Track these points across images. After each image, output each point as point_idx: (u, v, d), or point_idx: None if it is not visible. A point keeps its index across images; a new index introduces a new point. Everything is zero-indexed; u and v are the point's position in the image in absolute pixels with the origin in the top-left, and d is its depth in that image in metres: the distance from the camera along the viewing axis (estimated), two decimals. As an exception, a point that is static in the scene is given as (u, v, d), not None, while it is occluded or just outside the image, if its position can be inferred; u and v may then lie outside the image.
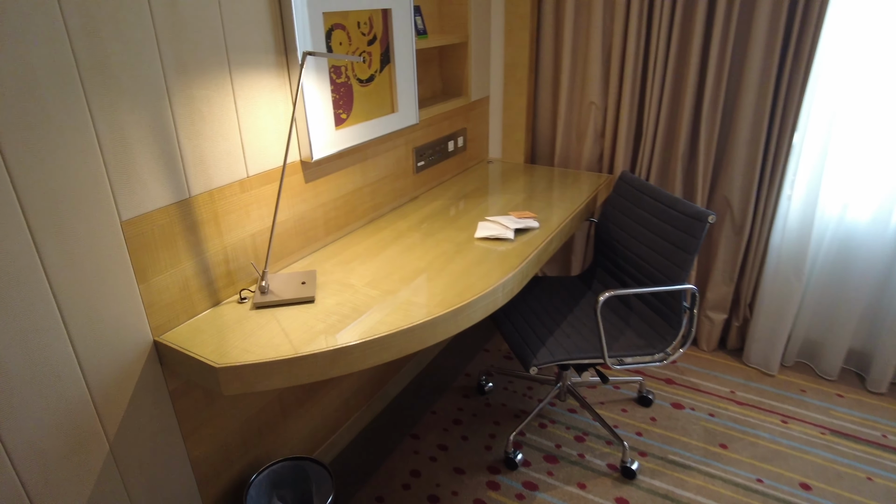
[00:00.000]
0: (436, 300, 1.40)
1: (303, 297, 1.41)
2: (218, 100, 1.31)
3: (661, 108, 2.25)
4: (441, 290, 1.44)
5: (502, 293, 1.51)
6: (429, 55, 2.21)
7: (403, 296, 1.42)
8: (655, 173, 2.35)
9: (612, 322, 1.93)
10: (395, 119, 1.85)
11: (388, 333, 1.27)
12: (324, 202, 1.68)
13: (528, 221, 1.82)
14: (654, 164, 2.33)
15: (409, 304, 1.39)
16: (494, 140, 2.57)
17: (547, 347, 1.77)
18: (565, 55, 2.33)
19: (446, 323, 1.36)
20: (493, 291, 1.46)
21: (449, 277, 1.51)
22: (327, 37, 1.53)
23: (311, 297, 1.41)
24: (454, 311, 1.37)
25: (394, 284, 1.48)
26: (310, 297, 1.41)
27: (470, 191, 2.18)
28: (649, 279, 1.92)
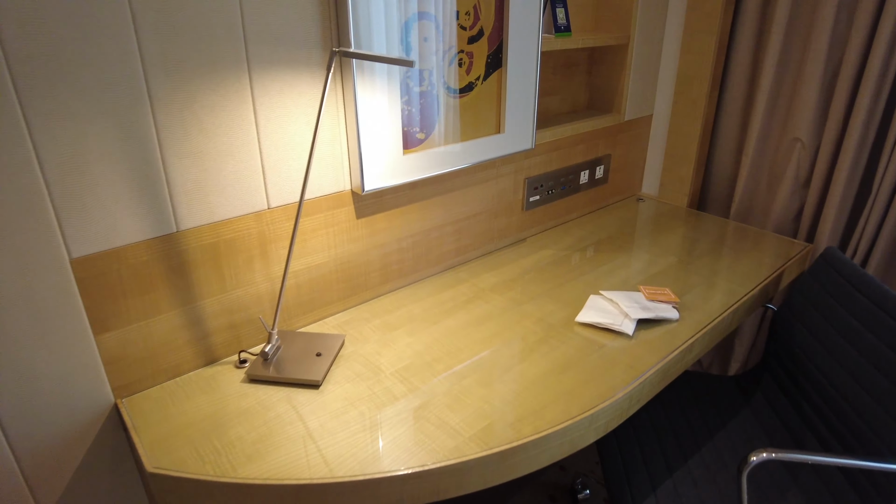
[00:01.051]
0: (478, 426, 0.95)
1: (307, 378, 1.05)
2: (228, 108, 0.99)
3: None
4: (495, 407, 0.99)
5: (591, 428, 1.01)
6: (573, 58, 1.71)
7: (437, 406, 0.99)
8: (882, 257, 1.59)
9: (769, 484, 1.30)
10: (499, 142, 1.40)
11: (373, 477, 0.85)
12: (382, 243, 1.30)
13: (662, 308, 1.26)
14: (881, 240, 1.58)
15: (439, 424, 0.95)
16: (652, 172, 1.98)
17: (657, 497, 1.22)
18: (766, 70, 1.66)
19: (484, 468, 0.91)
20: (574, 426, 0.97)
21: (517, 383, 1.04)
22: (404, 31, 1.13)
23: (317, 382, 1.05)
24: (501, 453, 0.91)
25: (433, 380, 1.06)
26: (315, 381, 1.05)
27: (601, 239, 1.65)
28: (845, 428, 1.25)
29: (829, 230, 1.65)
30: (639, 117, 1.86)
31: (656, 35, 1.76)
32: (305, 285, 1.20)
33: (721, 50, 1.71)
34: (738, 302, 1.32)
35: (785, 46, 1.64)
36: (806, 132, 1.66)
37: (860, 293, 1.29)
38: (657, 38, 1.77)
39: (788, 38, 1.63)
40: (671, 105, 1.85)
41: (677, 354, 1.15)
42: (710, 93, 1.76)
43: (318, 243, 1.19)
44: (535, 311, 1.28)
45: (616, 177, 1.89)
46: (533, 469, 0.95)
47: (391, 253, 1.33)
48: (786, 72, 1.68)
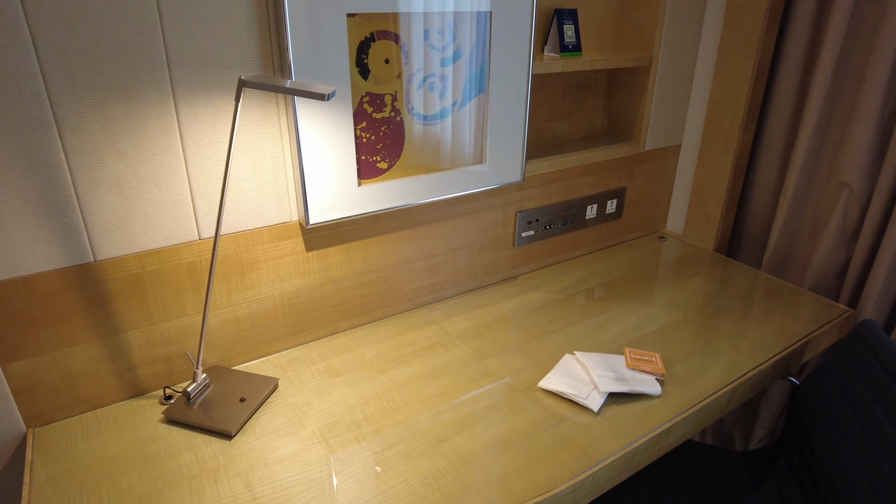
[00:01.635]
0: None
1: (219, 427, 0.97)
2: (150, 134, 0.91)
3: None
4: (411, 488, 0.86)
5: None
6: (588, 79, 1.54)
7: (347, 482, 0.88)
8: (944, 327, 1.33)
9: (760, 588, 1.10)
10: (479, 174, 1.27)
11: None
12: (338, 277, 1.21)
13: (642, 380, 1.09)
14: (944, 310, 1.32)
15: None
16: (678, 207, 1.77)
17: None
18: (813, 102, 1.43)
19: (377, 563, 0.79)
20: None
21: (447, 460, 0.92)
22: (360, 51, 1.03)
23: (230, 432, 0.96)
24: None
25: (355, 445, 0.95)
26: (227, 431, 0.96)
27: (603, 283, 1.48)
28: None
29: (876, 295, 1.41)
30: (664, 147, 1.67)
31: (687, 56, 1.56)
32: (246, 320, 1.12)
33: (760, 76, 1.49)
34: (740, 378, 1.13)
35: (837, 76, 1.40)
36: (856, 177, 1.42)
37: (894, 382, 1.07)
38: (688, 59, 1.57)
39: (841, 66, 1.40)
40: (701, 135, 1.64)
41: (647, 441, 0.98)
42: (746, 124, 1.54)
43: (261, 277, 1.11)
44: (498, 367, 1.14)
45: (634, 211, 1.71)
46: (442, 567, 0.83)
47: (350, 288, 1.23)
48: (836, 105, 1.44)
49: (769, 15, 1.41)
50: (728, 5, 1.48)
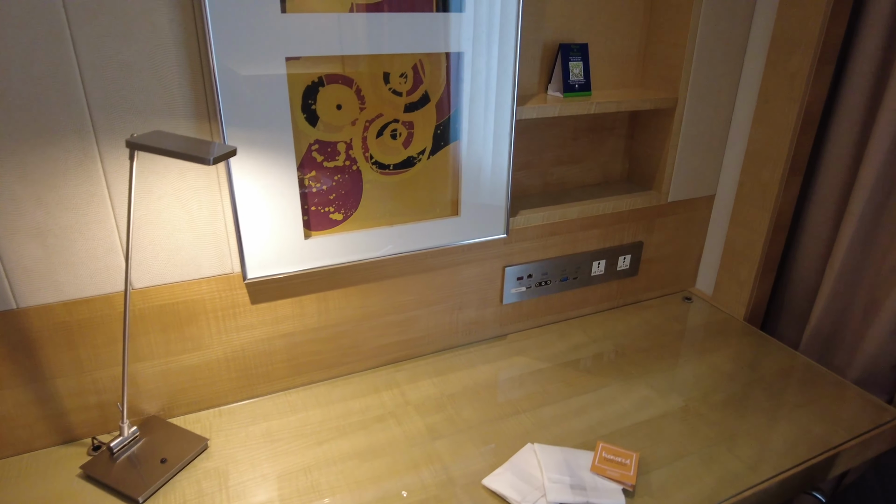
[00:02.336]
0: None
1: (127, 492, 0.91)
2: (73, 183, 0.87)
3: None
4: None
5: None
6: (603, 121, 1.38)
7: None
8: None
9: None
10: (454, 227, 1.15)
11: None
12: (289, 331, 1.13)
13: (602, 490, 0.93)
14: None
15: None
16: (709, 265, 1.56)
17: None
18: (873, 157, 1.19)
19: None
20: None
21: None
22: (307, 96, 0.94)
23: (136, 499, 0.90)
24: None
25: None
26: (134, 497, 0.90)
27: (602, 351, 1.31)
28: None
29: (938, 398, 1.15)
30: (694, 198, 1.47)
31: (723, 98, 1.36)
32: (188, 371, 1.07)
33: (808, 124, 1.27)
34: (732, 498, 0.94)
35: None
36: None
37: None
38: (724, 101, 1.37)
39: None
40: (736, 187, 1.43)
41: (593, 570, 0.82)
42: (788, 177, 1.32)
43: (201, 329, 1.05)
44: (447, 452, 1.02)
45: (654, 268, 1.51)
46: None
47: (303, 343, 1.15)
48: None
49: (820, 54, 1.19)
50: (772, 41, 1.28)
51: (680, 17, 1.25)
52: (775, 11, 1.26)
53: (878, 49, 1.18)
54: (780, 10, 1.25)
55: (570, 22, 1.24)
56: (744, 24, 1.30)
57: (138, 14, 0.82)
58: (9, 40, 0.77)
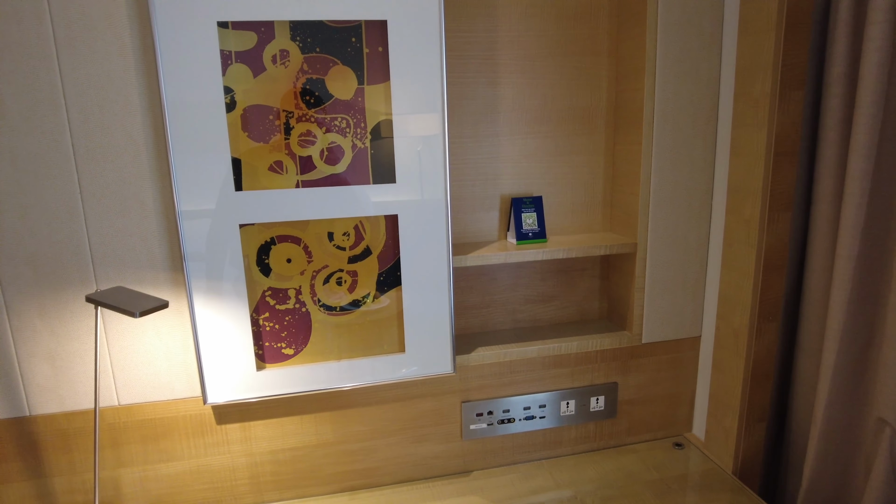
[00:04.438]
0: None
1: (77, 589, 1.06)
2: (78, 318, 1.13)
3: None
4: None
5: None
6: (576, 262, 1.45)
7: None
8: None
9: None
10: (400, 363, 1.25)
11: None
12: (251, 452, 1.26)
13: None
14: None
15: None
16: (701, 411, 1.48)
17: None
18: (836, 308, 1.14)
19: None
20: None
21: None
22: (261, 252, 1.15)
23: None
24: None
25: None
26: None
27: (561, 498, 1.28)
28: None
29: (933, 590, 0.98)
30: (676, 339, 1.44)
31: (692, 241, 1.38)
32: (163, 480, 1.23)
33: (773, 268, 1.25)
34: None
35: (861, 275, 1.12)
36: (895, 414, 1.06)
37: None
38: (693, 244, 1.38)
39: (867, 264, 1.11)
40: (714, 332, 1.40)
41: None
42: (760, 324, 1.27)
43: (174, 443, 1.22)
44: (361, 583, 1.05)
45: (638, 410, 1.47)
46: None
47: (263, 464, 1.27)
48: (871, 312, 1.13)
49: (770, 200, 1.21)
50: (729, 189, 1.31)
51: (632, 168, 1.34)
52: (728, 160, 1.30)
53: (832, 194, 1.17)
54: (731, 158, 1.29)
55: (527, 177, 1.37)
56: (705, 172, 1.35)
57: (131, 196, 1.10)
58: (38, 218, 1.07)
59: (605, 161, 1.41)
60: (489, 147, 1.33)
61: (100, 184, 1.09)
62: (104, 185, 1.09)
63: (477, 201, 1.36)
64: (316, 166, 1.13)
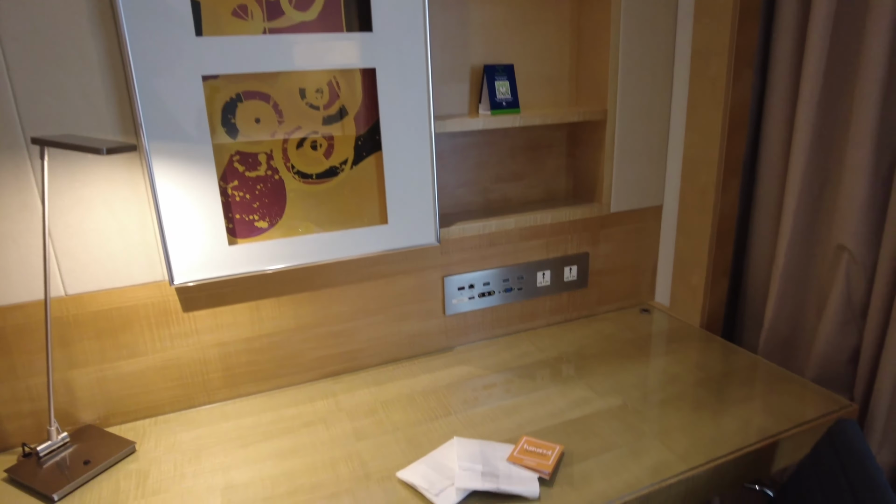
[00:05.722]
0: None
1: (45, 490, 0.93)
2: (5, 193, 0.95)
3: None
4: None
5: None
6: (541, 138, 1.43)
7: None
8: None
9: None
10: (382, 235, 1.19)
11: None
12: (223, 341, 1.16)
13: (517, 477, 0.91)
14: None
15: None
16: (664, 278, 1.55)
17: None
18: (796, 155, 1.21)
19: None
20: None
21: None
22: (226, 111, 1.02)
23: (51, 496, 0.92)
24: None
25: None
26: (50, 495, 0.92)
27: (546, 359, 1.30)
28: None
29: (890, 388, 1.10)
30: (639, 208, 1.48)
31: (655, 109, 1.41)
32: (124, 379, 1.10)
33: (737, 126, 1.30)
34: (659, 484, 0.90)
35: (821, 119, 1.19)
36: (855, 239, 1.15)
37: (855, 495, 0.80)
38: (657, 112, 1.41)
39: (827, 109, 1.18)
40: (678, 196, 1.45)
41: (493, 554, 0.79)
42: (725, 181, 1.33)
43: (135, 336, 1.09)
44: (367, 450, 1.01)
45: (606, 280, 1.51)
46: None
47: (237, 353, 1.17)
48: (826, 158, 1.21)
49: (735, 59, 1.24)
50: (693, 51, 1.33)
51: (601, 36, 1.32)
52: (691, 23, 1.32)
53: (790, 52, 1.22)
54: (695, 22, 1.31)
55: (496, 46, 1.32)
56: (667, 37, 1.36)
57: (68, 43, 0.93)
58: (-53, 64, 0.88)
59: (572, 32, 1.39)
60: (458, 13, 1.26)
61: (25, 27, 0.90)
62: (31, 28, 0.91)
63: (447, 72, 1.29)
64: (284, 12, 1.01)
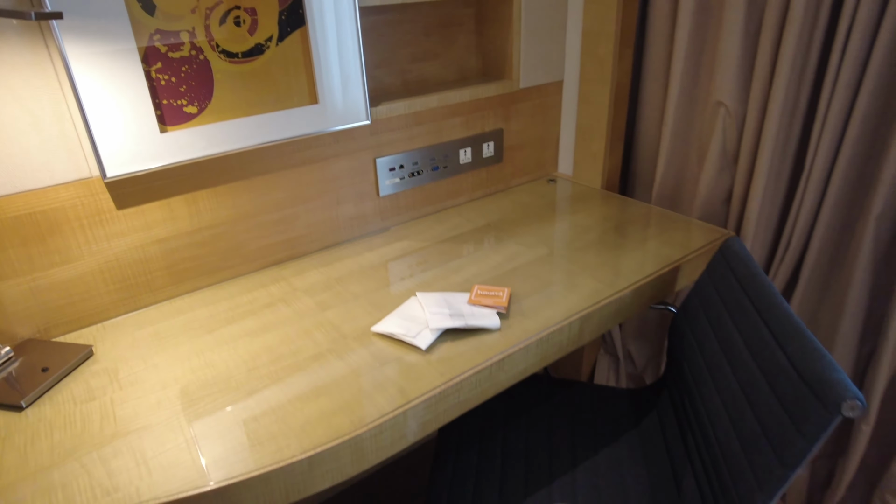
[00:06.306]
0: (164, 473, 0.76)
1: (9, 400, 0.89)
2: None
3: (848, 126, 1.18)
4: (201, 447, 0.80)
5: (315, 473, 0.80)
6: (453, 17, 1.46)
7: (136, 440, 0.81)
8: (821, 246, 1.28)
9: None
10: (314, 115, 1.19)
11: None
12: (163, 237, 1.13)
13: (479, 315, 1.03)
14: (819, 226, 1.27)
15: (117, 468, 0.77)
16: (567, 149, 1.70)
17: (466, 546, 1.00)
18: (683, 19, 1.36)
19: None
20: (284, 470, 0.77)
21: (248, 412, 0.85)
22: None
23: (19, 404, 0.89)
24: None
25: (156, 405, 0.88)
26: (18, 403, 0.89)
27: (476, 228, 1.41)
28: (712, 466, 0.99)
29: (755, 217, 1.35)
30: (543, 84, 1.59)
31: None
32: (60, 288, 1.04)
33: None
34: (593, 306, 1.07)
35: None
36: (730, 94, 1.35)
37: (749, 298, 1.02)
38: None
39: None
40: (579, 68, 1.57)
41: (473, 376, 0.92)
42: (621, 51, 1.47)
43: (67, 240, 1.03)
44: (337, 317, 1.07)
45: (518, 155, 1.64)
46: (227, 524, 0.76)
47: (179, 248, 1.15)
48: (707, 19, 1.37)
49: (626, -70, 1.33)
50: (587, -75, 1.40)
51: None
52: None
53: (672, -81, 1.34)
54: None
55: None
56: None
57: None
58: None
59: None
60: None
61: None
62: None
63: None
64: None
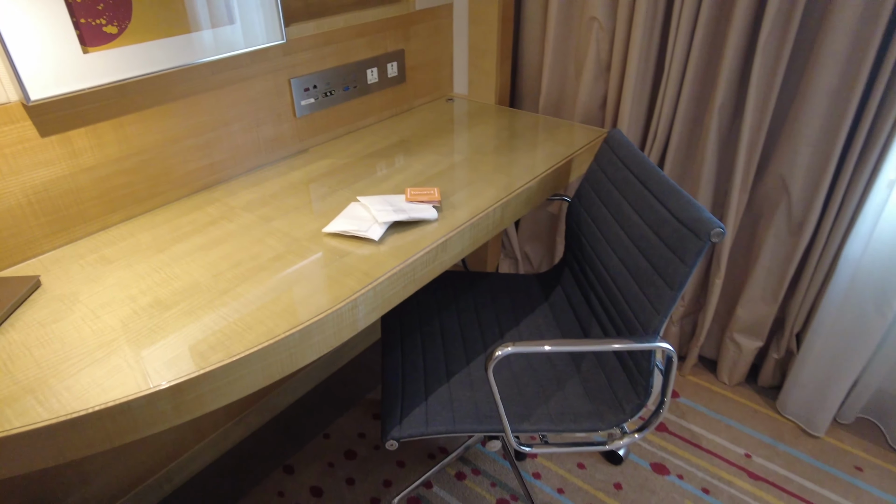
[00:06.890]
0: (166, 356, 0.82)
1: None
2: None
3: (696, 32, 1.43)
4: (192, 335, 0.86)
5: (306, 345, 0.91)
6: (343, -63, 1.50)
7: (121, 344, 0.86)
8: (680, 133, 1.56)
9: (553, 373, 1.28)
10: (232, 35, 1.21)
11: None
12: (92, 165, 1.11)
13: (419, 209, 1.16)
14: (678, 118, 1.55)
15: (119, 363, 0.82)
16: (461, 69, 1.84)
17: (428, 405, 1.17)
18: (556, -59, 1.53)
19: (153, 407, 0.80)
20: (280, 344, 0.87)
21: (229, 306, 0.92)
22: None
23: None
24: (177, 387, 0.79)
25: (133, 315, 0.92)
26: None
27: (391, 144, 1.52)
28: (615, 311, 1.24)
29: (627, 117, 1.60)
30: (437, 6, 1.70)
31: None
32: None
33: (508, -79, 1.55)
34: (509, 195, 1.25)
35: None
36: (602, 9, 1.56)
37: (632, 172, 1.25)
38: (441, -90, 1.58)
39: None
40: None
41: (424, 256, 1.06)
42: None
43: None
44: (284, 226, 1.15)
45: (419, 75, 1.75)
46: (234, 399, 0.86)
47: (110, 176, 1.14)
48: (575, -57, 1.55)
49: None
50: None
51: None
52: None
53: None
54: None
55: None
56: None
57: None
58: None
59: None
60: None
61: None
62: None
63: None
64: None
